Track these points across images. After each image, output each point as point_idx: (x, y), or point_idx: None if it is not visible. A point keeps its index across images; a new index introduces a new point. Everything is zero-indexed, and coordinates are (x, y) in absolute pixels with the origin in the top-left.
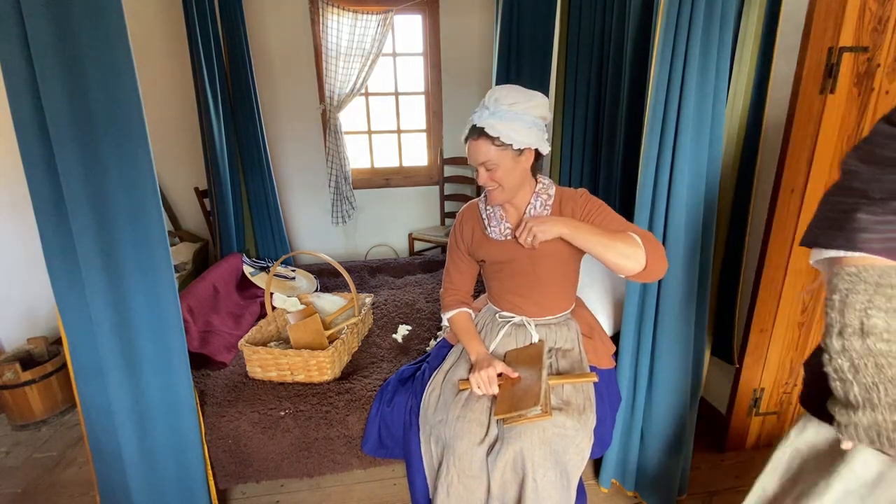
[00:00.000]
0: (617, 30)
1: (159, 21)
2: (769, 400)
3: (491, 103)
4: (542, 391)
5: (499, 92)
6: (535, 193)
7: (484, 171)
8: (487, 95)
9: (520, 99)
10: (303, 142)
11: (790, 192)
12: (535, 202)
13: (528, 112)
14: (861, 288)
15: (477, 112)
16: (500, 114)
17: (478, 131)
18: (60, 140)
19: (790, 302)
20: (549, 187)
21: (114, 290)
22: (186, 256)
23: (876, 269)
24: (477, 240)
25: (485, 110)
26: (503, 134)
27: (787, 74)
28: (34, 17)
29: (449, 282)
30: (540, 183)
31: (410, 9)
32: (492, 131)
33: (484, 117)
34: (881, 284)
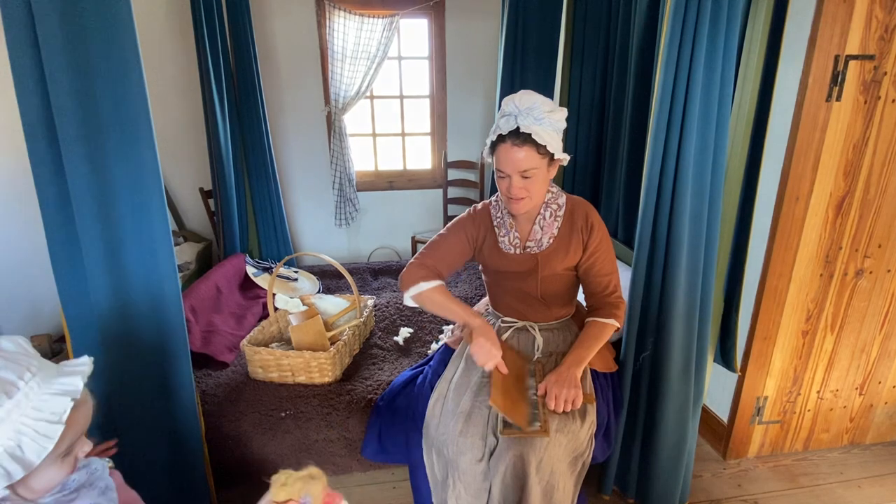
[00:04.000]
0: (622, 36)
1: (167, 22)
2: (772, 408)
3: (530, 109)
4: (540, 408)
5: (534, 97)
6: (545, 204)
7: (519, 180)
8: (519, 101)
9: (553, 107)
10: (307, 143)
11: (794, 200)
12: (545, 212)
13: (561, 121)
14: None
15: (517, 116)
16: (543, 121)
17: (522, 137)
18: (67, 139)
19: (794, 310)
20: (559, 196)
21: (117, 289)
22: (190, 256)
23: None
24: (488, 246)
25: (527, 116)
26: (549, 142)
27: (793, 82)
28: (45, 18)
29: (432, 254)
30: (550, 192)
31: (416, 12)
32: (539, 138)
33: (528, 123)
34: None
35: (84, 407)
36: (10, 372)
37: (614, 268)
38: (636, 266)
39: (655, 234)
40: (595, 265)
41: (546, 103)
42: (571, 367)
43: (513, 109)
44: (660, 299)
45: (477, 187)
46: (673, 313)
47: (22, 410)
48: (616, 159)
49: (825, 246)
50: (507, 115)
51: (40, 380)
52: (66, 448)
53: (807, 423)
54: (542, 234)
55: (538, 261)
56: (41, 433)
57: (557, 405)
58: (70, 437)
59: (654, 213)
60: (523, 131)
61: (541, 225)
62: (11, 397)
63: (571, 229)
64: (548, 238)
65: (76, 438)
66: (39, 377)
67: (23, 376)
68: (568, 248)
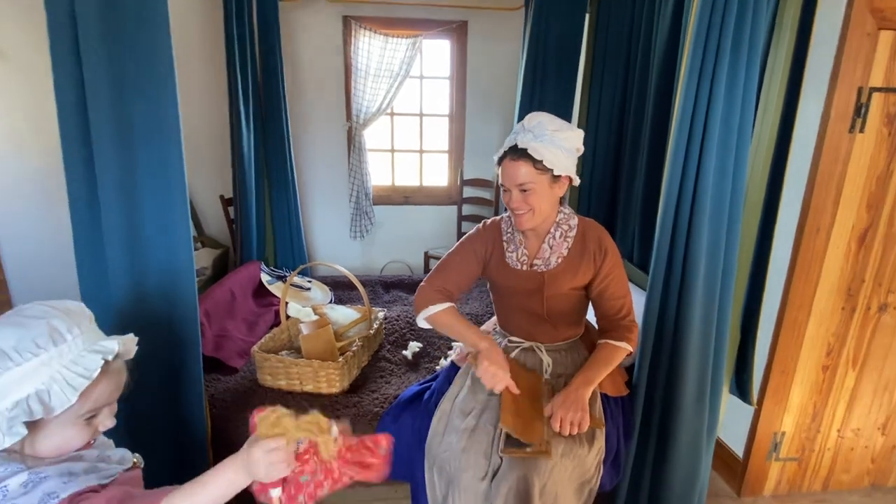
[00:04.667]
0: (642, 62)
1: (200, 36)
2: (790, 445)
3: (533, 127)
4: (545, 433)
5: (541, 117)
6: (556, 223)
7: (518, 194)
8: (527, 119)
9: (562, 127)
10: (327, 157)
11: (815, 231)
12: (555, 232)
13: (570, 140)
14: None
15: (518, 134)
16: (544, 138)
17: (519, 152)
18: (101, 145)
19: (814, 344)
20: (570, 217)
21: (136, 289)
22: (207, 262)
23: None
24: (495, 261)
25: (528, 133)
26: (546, 158)
27: (815, 112)
28: (88, 29)
29: (441, 276)
30: (561, 213)
31: (440, 34)
32: (535, 154)
33: (527, 139)
34: None
35: (115, 377)
36: (63, 324)
37: (627, 291)
38: (651, 291)
39: (671, 259)
40: (608, 288)
41: (552, 122)
42: (579, 389)
43: (519, 128)
44: (674, 326)
45: (491, 205)
46: (687, 340)
47: (62, 360)
48: (633, 183)
49: (847, 279)
50: (513, 133)
51: (85, 338)
52: (88, 411)
53: (826, 462)
54: (551, 254)
55: (544, 279)
56: (70, 384)
57: (563, 428)
58: (95, 401)
59: (671, 238)
60: (520, 147)
61: (550, 244)
62: (57, 345)
63: (583, 251)
64: (556, 258)
65: (101, 406)
66: (85, 336)
67: (72, 330)
68: (577, 270)
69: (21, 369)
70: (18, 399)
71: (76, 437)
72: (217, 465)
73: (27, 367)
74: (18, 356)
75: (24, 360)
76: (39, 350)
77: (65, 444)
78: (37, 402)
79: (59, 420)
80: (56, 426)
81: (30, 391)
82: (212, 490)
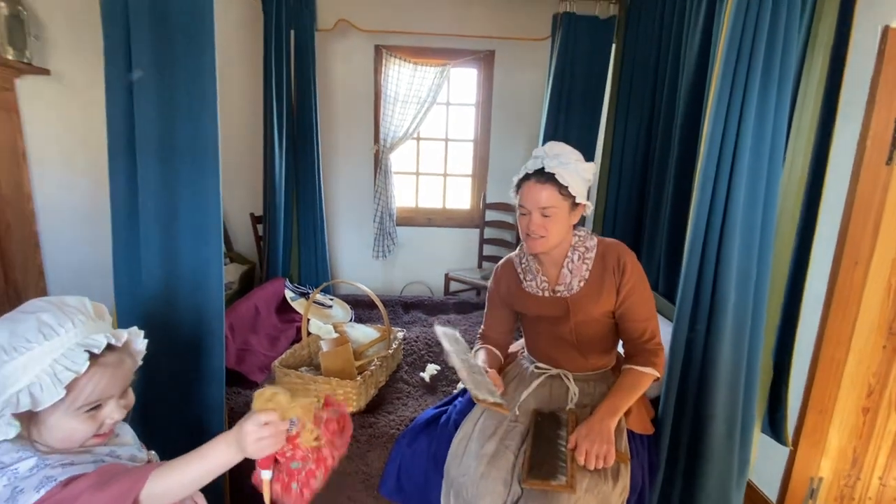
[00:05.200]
0: (669, 89)
1: (239, 61)
2: (828, 492)
3: (557, 154)
4: (568, 462)
5: (560, 147)
6: (573, 247)
7: (539, 217)
8: (548, 148)
9: (580, 158)
10: (354, 178)
11: (854, 264)
12: (573, 255)
13: (587, 171)
14: None
15: (543, 159)
16: (569, 166)
17: (546, 176)
18: (145, 160)
19: (853, 384)
20: (587, 239)
21: (169, 300)
22: (234, 276)
23: None
24: (514, 294)
25: (553, 159)
26: (571, 184)
27: (850, 141)
28: (141, 53)
29: (487, 327)
30: (576, 236)
31: (467, 62)
32: (562, 179)
33: (553, 165)
34: None
35: (112, 370)
36: (55, 319)
37: (652, 313)
38: (678, 323)
39: (699, 289)
40: (631, 309)
41: (574, 153)
42: (605, 419)
43: (541, 154)
44: (702, 359)
45: (513, 229)
46: (716, 375)
47: (53, 355)
48: (659, 211)
49: (889, 316)
50: (535, 158)
51: (78, 332)
52: (86, 403)
53: None
54: (572, 278)
55: (569, 305)
56: (57, 377)
57: (588, 461)
58: (89, 395)
59: (699, 269)
60: (547, 171)
61: (569, 268)
62: (48, 339)
63: (603, 271)
64: (578, 281)
65: (99, 399)
66: (79, 330)
67: (64, 324)
68: (601, 291)
69: (15, 363)
70: (12, 393)
71: (79, 428)
72: (211, 440)
73: (21, 361)
74: (14, 351)
75: (18, 355)
76: (31, 344)
77: (70, 435)
78: (27, 394)
79: (59, 412)
80: (57, 418)
81: (24, 384)
82: (201, 465)
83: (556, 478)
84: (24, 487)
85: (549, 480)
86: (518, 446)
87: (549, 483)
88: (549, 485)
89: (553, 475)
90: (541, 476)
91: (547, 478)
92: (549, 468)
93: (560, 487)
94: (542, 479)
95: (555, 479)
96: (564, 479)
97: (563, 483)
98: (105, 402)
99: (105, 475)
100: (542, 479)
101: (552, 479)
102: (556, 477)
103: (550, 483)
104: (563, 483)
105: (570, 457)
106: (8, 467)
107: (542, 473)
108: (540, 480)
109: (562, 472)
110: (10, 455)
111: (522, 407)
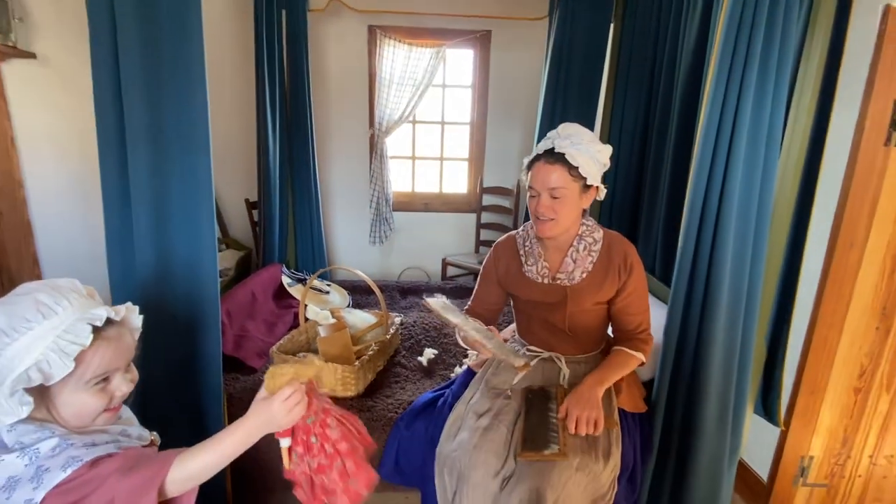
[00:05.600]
0: (667, 72)
1: (230, 45)
2: (819, 470)
3: (570, 134)
4: (560, 432)
5: (574, 127)
6: (579, 236)
7: (548, 199)
8: (562, 128)
9: (595, 139)
10: (350, 163)
11: (849, 246)
12: (578, 245)
13: (602, 153)
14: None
15: (555, 139)
16: (580, 146)
17: (556, 156)
18: (135, 146)
19: (845, 364)
20: (595, 230)
21: (163, 288)
22: (230, 263)
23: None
24: (512, 276)
25: (564, 139)
26: (581, 165)
27: (848, 124)
28: (127, 37)
29: (476, 302)
30: (584, 225)
31: (463, 43)
32: (572, 160)
33: (565, 146)
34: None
35: (115, 343)
36: (51, 298)
37: (647, 306)
38: (673, 305)
39: (694, 272)
40: (630, 306)
41: (588, 134)
42: (593, 388)
43: (553, 135)
44: (696, 340)
45: (511, 213)
46: (710, 357)
47: (56, 332)
48: (656, 195)
49: (882, 297)
50: (547, 139)
51: (76, 309)
52: (94, 376)
53: (857, 490)
54: (575, 268)
55: (567, 294)
56: (65, 351)
57: (579, 427)
58: (96, 367)
59: (694, 251)
60: (557, 151)
61: (573, 258)
62: (47, 318)
63: (608, 267)
64: (580, 272)
65: (106, 371)
66: (76, 307)
67: (60, 303)
68: (601, 285)
69: (18, 344)
70: (21, 371)
71: (91, 402)
72: (231, 425)
73: (24, 341)
74: (14, 332)
75: (20, 335)
76: (31, 324)
77: (84, 410)
78: (36, 371)
79: (69, 388)
80: (69, 394)
81: (31, 362)
82: (223, 448)
83: (549, 447)
84: (49, 466)
85: (542, 451)
86: (512, 422)
87: (542, 453)
88: (543, 455)
89: (546, 445)
90: (534, 448)
91: (540, 448)
92: (541, 440)
93: (553, 456)
94: (536, 450)
95: (548, 448)
96: (557, 447)
97: (555, 452)
98: (112, 374)
99: (130, 460)
100: (536, 451)
101: (545, 448)
102: (548, 447)
103: (543, 453)
104: (556, 451)
105: (562, 427)
106: (29, 447)
107: (535, 445)
108: (534, 452)
109: (554, 441)
110: (30, 436)
111: (515, 387)
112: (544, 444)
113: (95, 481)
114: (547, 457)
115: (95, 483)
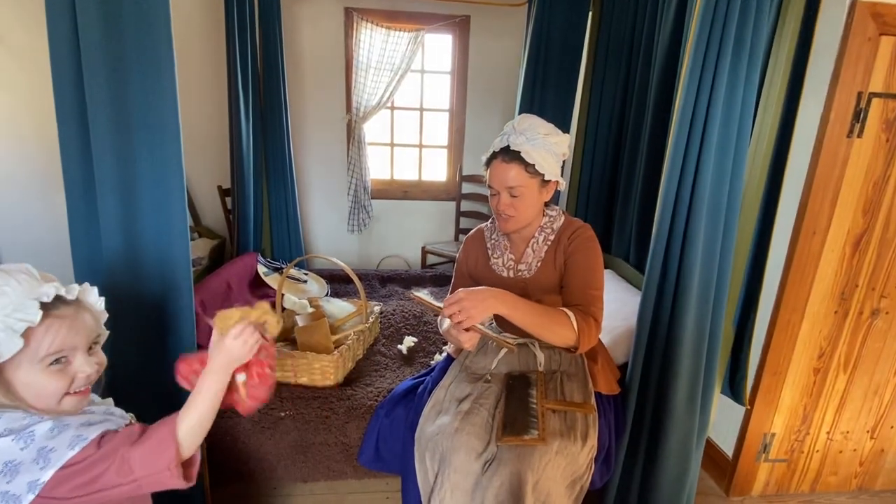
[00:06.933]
0: (644, 61)
1: (200, 24)
2: (780, 446)
3: (525, 129)
4: (539, 417)
5: (531, 120)
6: (541, 227)
7: (507, 197)
8: (518, 121)
9: (552, 131)
10: (326, 149)
11: (811, 234)
12: (539, 236)
13: (559, 145)
14: None
15: (510, 135)
16: (536, 141)
17: (511, 154)
18: (98, 131)
19: (806, 346)
20: (556, 220)
21: (134, 280)
22: (203, 252)
23: None
24: (480, 269)
25: (519, 135)
26: (538, 162)
27: (814, 116)
28: (85, 12)
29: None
30: (547, 216)
31: (442, 28)
32: (528, 157)
33: (520, 142)
34: None
35: (69, 322)
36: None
37: (593, 285)
38: (646, 290)
39: (667, 259)
40: (573, 278)
41: (544, 126)
42: (497, 296)
43: (509, 129)
44: (668, 326)
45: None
46: (681, 341)
47: (4, 311)
48: (631, 184)
49: (841, 283)
50: (503, 135)
51: (24, 289)
52: (49, 354)
53: (815, 464)
54: (533, 258)
55: (527, 286)
56: (13, 329)
57: (449, 310)
58: (52, 345)
59: (667, 239)
60: (513, 149)
61: (533, 248)
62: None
63: (556, 249)
64: (536, 262)
65: (65, 350)
66: (24, 287)
67: (8, 283)
68: (553, 265)
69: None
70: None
71: (49, 383)
72: (201, 375)
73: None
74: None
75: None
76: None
77: (43, 391)
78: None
79: (24, 368)
80: (24, 374)
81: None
82: (206, 393)
83: (529, 432)
84: (53, 446)
85: (522, 435)
86: (493, 406)
87: (523, 438)
88: (523, 440)
89: (526, 430)
90: (514, 433)
91: (520, 433)
92: (521, 425)
93: (533, 441)
94: (516, 434)
95: (527, 433)
96: (536, 433)
97: (535, 437)
98: (71, 354)
99: (133, 435)
100: (516, 436)
101: (525, 433)
102: (528, 432)
103: (524, 438)
104: (536, 437)
105: (541, 412)
106: (21, 431)
107: (516, 430)
108: (514, 437)
109: (533, 426)
110: (18, 422)
111: (494, 372)
112: (524, 430)
113: (107, 458)
114: (527, 441)
115: (108, 460)
